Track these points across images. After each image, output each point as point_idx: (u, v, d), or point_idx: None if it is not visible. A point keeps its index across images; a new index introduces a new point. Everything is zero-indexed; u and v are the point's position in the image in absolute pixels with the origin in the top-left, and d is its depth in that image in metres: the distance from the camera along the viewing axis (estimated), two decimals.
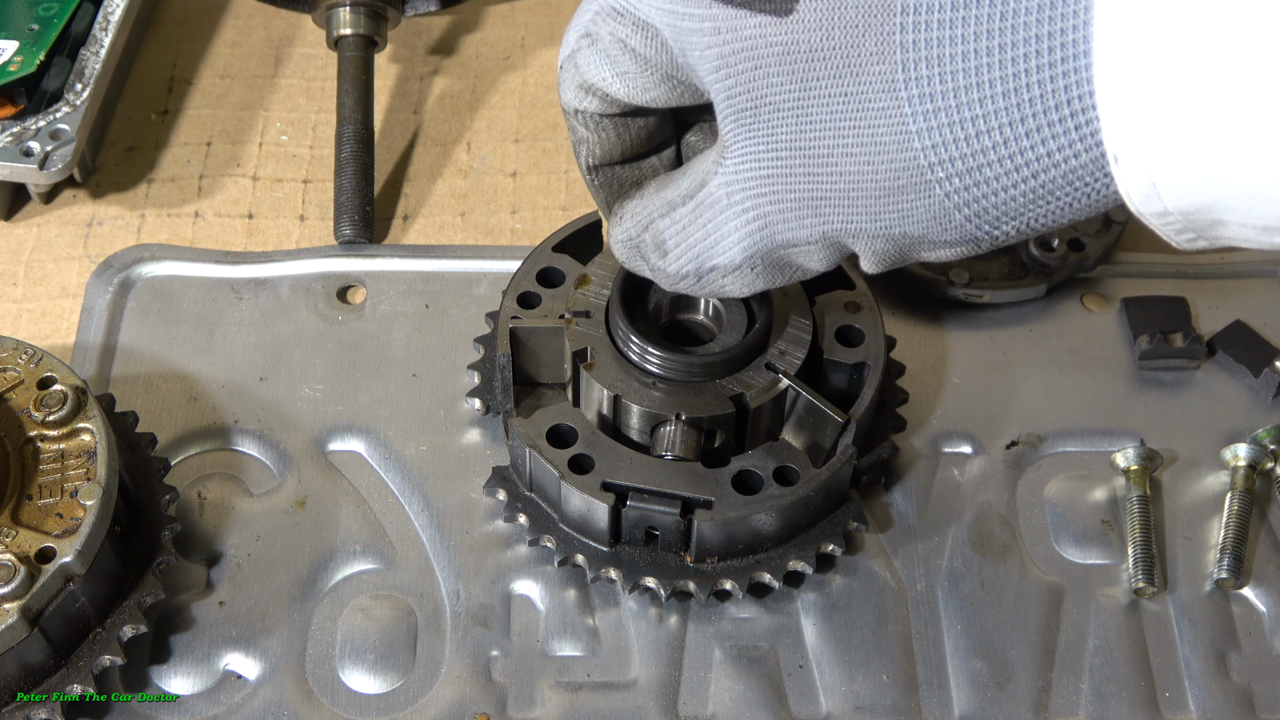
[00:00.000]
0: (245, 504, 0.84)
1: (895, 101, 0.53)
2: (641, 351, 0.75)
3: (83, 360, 0.89)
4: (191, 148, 1.03)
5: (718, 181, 0.62)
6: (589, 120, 0.68)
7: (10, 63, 0.94)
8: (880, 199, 0.56)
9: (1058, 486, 0.85)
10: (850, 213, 0.58)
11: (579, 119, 0.68)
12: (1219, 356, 0.90)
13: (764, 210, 0.61)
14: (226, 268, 0.94)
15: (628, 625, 0.79)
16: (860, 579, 0.81)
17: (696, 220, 0.64)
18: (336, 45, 1.01)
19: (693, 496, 0.74)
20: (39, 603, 0.69)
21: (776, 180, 0.59)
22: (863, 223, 0.58)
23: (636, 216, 0.69)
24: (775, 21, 0.56)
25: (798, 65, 0.56)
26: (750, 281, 0.65)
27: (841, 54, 0.54)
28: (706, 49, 0.59)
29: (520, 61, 1.09)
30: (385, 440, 0.86)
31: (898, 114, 0.54)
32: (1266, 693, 0.77)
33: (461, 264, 0.95)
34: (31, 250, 0.96)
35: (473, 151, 1.03)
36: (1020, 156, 0.52)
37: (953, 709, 0.77)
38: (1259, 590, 0.81)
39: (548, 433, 0.77)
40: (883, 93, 0.54)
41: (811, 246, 0.61)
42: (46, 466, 0.73)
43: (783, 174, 0.59)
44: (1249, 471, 0.83)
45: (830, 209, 0.58)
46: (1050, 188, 0.53)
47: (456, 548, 0.82)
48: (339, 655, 0.78)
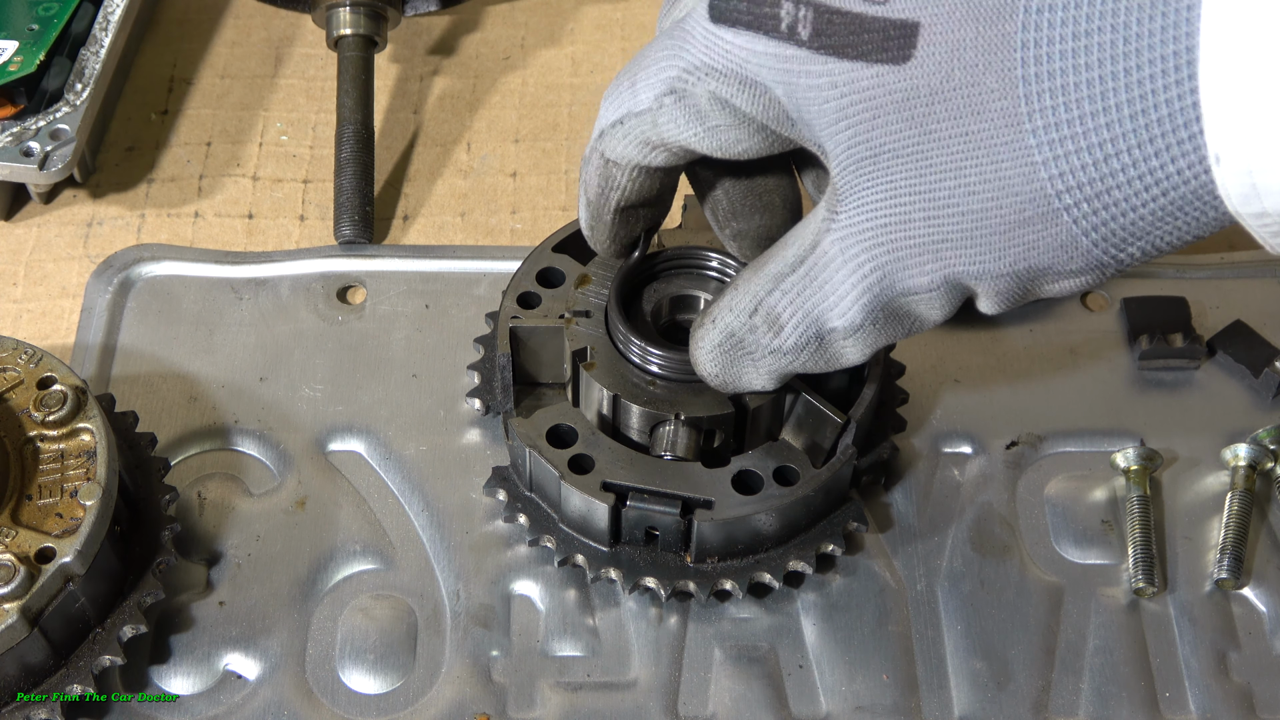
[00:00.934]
0: (245, 504, 0.84)
1: (1019, 134, 0.54)
2: (641, 351, 0.75)
3: (83, 360, 0.89)
4: (191, 148, 1.03)
5: (831, 239, 0.61)
6: (634, 171, 0.67)
7: (10, 63, 0.94)
8: (1004, 234, 0.56)
9: (1058, 486, 0.85)
10: (973, 253, 0.58)
11: (622, 170, 0.68)
12: (1219, 356, 0.90)
13: (881, 261, 0.60)
14: (226, 268, 0.94)
15: (628, 625, 0.79)
16: (860, 579, 0.81)
17: (811, 284, 0.63)
18: (336, 45, 1.01)
19: (693, 496, 0.74)
20: (39, 603, 0.69)
21: (895, 229, 0.59)
22: (986, 261, 0.58)
23: (738, 308, 0.67)
24: (893, 69, 0.56)
25: (917, 110, 0.56)
26: (872, 339, 0.64)
27: (962, 94, 0.55)
28: (825, 103, 0.58)
29: (520, 61, 1.09)
30: (385, 440, 0.86)
31: (1022, 147, 0.54)
32: (1266, 693, 0.77)
33: (461, 264, 0.95)
34: (31, 250, 0.96)
35: (473, 151, 1.03)
36: (1150, 176, 0.52)
37: (953, 709, 0.77)
38: (1259, 590, 0.81)
39: (548, 433, 0.77)
40: (1005, 127, 0.54)
41: (932, 294, 0.60)
42: (46, 466, 0.73)
43: (901, 221, 0.58)
44: (1249, 471, 0.83)
45: (951, 251, 0.58)
46: (1179, 203, 0.53)
47: (456, 548, 0.82)
48: (339, 655, 0.78)
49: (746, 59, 0.60)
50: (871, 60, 0.56)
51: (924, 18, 0.55)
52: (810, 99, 0.59)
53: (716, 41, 0.61)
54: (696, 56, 0.62)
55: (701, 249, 0.79)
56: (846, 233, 0.60)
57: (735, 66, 0.61)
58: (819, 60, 0.58)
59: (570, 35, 1.11)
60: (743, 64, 0.60)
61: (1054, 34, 0.52)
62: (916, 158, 0.57)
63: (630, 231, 0.73)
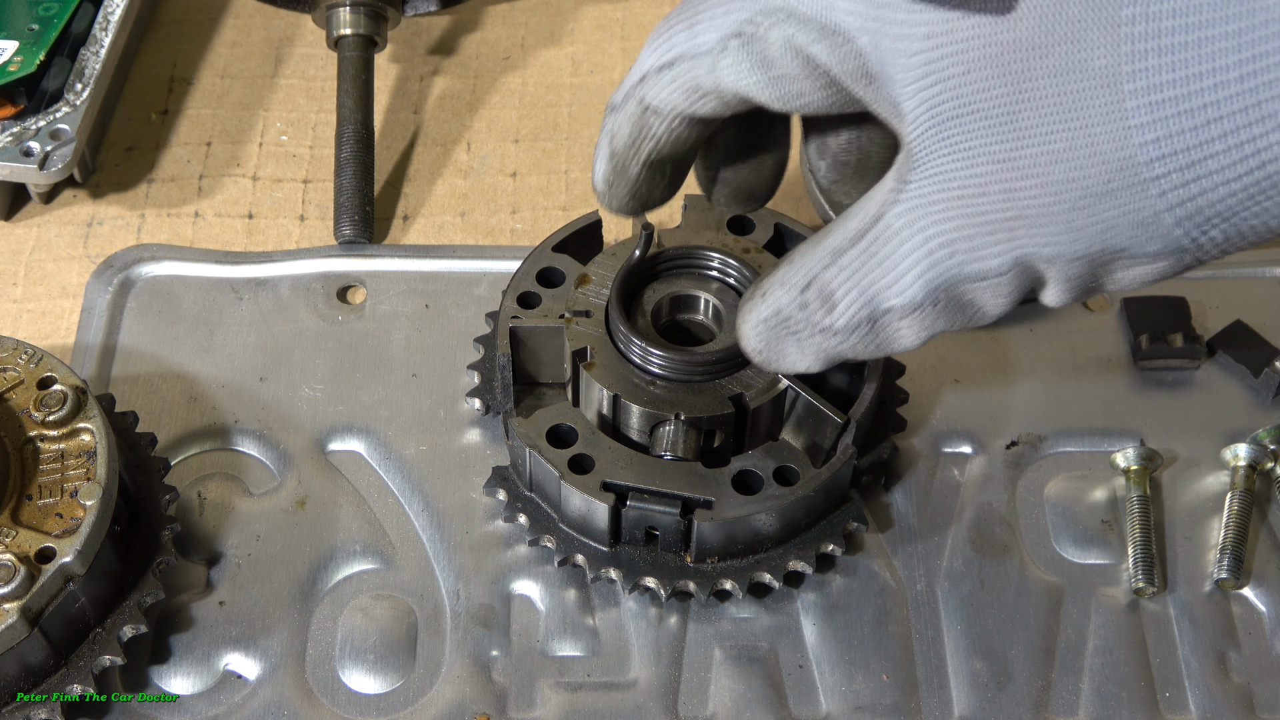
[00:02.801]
0: (245, 504, 0.84)
1: (1117, 95, 0.52)
2: (641, 351, 0.75)
3: (83, 360, 0.89)
4: (191, 148, 1.03)
5: (899, 209, 0.58)
6: (675, 120, 0.64)
7: (10, 63, 0.94)
8: (1085, 209, 0.54)
9: (1058, 486, 0.85)
10: (1049, 230, 0.55)
11: (662, 118, 0.64)
12: (1219, 356, 0.90)
13: (950, 237, 0.56)
14: (226, 268, 0.94)
15: (628, 625, 0.79)
16: (860, 579, 0.81)
17: (871, 259, 0.59)
18: (336, 45, 1.01)
19: (693, 496, 0.74)
20: (39, 603, 0.69)
21: (969, 201, 0.56)
22: (1062, 240, 0.55)
23: (790, 282, 0.63)
24: (994, 21, 0.53)
25: (1014, 66, 0.53)
26: (930, 323, 0.59)
27: (1063, 50, 0.52)
28: (914, 55, 0.55)
29: (520, 61, 1.09)
30: (385, 440, 0.86)
31: (1119, 109, 0.52)
32: (1266, 693, 0.77)
33: (461, 264, 0.95)
34: (31, 250, 0.96)
35: (473, 151, 1.03)
36: (1249, 145, 0.50)
37: (953, 709, 0.77)
38: (1259, 590, 0.81)
39: (548, 433, 0.77)
40: (1104, 87, 0.52)
41: (1000, 279, 0.57)
42: (46, 466, 0.73)
43: (977, 192, 0.55)
44: (1249, 471, 0.83)
45: (1025, 230, 0.55)
46: (1274, 180, 0.51)
47: (456, 548, 0.82)
48: (339, 655, 0.78)
49: (833, 6, 0.57)
50: (972, 9, 0.54)
51: None
52: (898, 50, 0.56)
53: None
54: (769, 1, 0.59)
55: (701, 249, 0.79)
56: (916, 203, 0.57)
57: (819, 11, 0.57)
58: (915, 9, 0.55)
59: (570, 35, 1.11)
60: (827, 9, 0.57)
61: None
62: (1004, 119, 0.54)
63: (652, 188, 0.69)
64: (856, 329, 0.61)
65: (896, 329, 0.60)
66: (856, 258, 0.59)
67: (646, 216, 0.83)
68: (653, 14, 1.12)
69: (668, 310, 0.80)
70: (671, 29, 0.62)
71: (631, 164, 0.67)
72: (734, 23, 0.60)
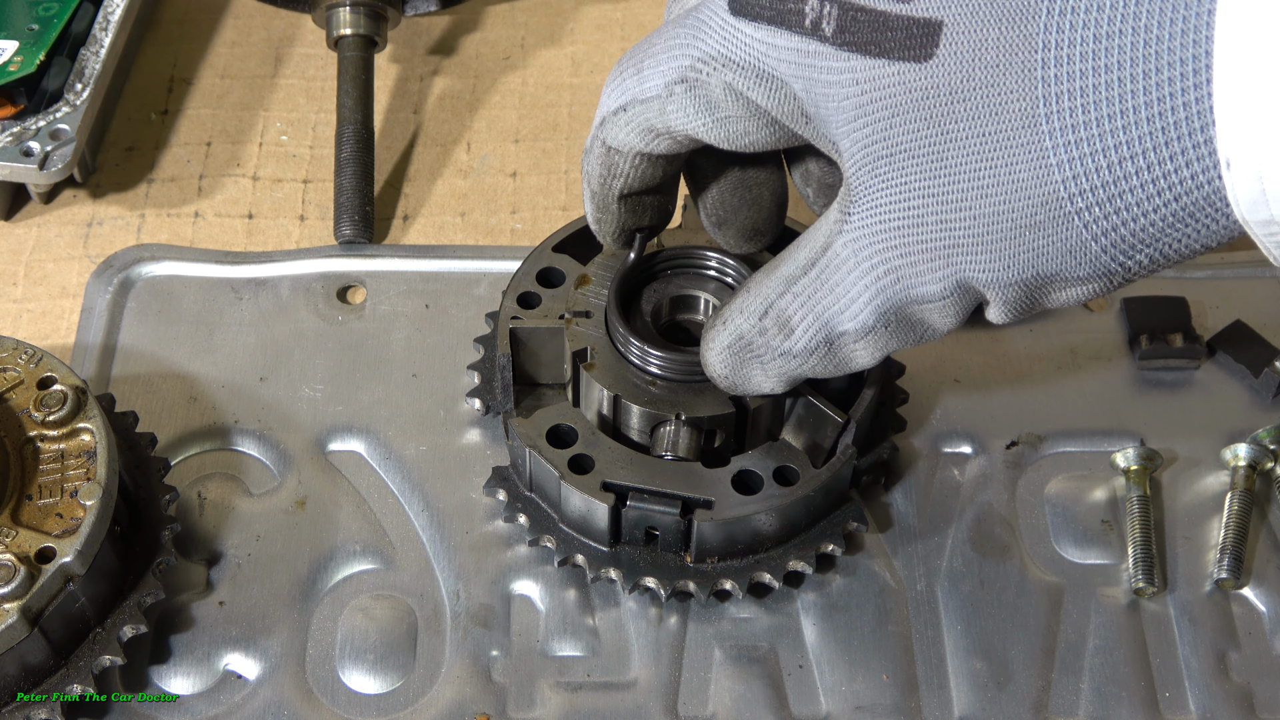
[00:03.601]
0: (245, 504, 0.84)
1: (1035, 136, 0.54)
2: (641, 352, 0.75)
3: (83, 360, 0.89)
4: (191, 148, 1.03)
5: (844, 240, 0.61)
6: (636, 158, 0.67)
7: (10, 63, 0.94)
8: (1015, 238, 0.56)
9: (1058, 486, 0.85)
10: (984, 257, 0.58)
11: (624, 157, 0.67)
12: (1219, 356, 0.90)
13: (894, 264, 0.60)
14: (226, 268, 0.94)
15: (628, 625, 0.79)
16: (860, 579, 0.81)
17: (822, 286, 0.63)
18: (336, 45, 1.01)
19: (693, 496, 0.74)
20: (39, 603, 0.69)
21: (907, 231, 0.59)
22: (996, 267, 0.58)
23: (749, 310, 0.67)
24: (915, 68, 0.56)
25: (936, 109, 0.56)
26: (883, 343, 0.64)
27: (981, 94, 0.55)
28: (843, 100, 0.58)
29: (520, 61, 1.09)
30: (385, 440, 0.86)
31: (1038, 148, 0.54)
32: (1266, 693, 0.77)
33: (461, 264, 0.95)
34: (31, 250, 0.96)
35: (473, 151, 1.03)
36: (1163, 180, 0.52)
37: (953, 709, 0.77)
38: (1259, 590, 0.81)
39: (548, 433, 0.77)
40: (1022, 128, 0.54)
41: (944, 301, 0.60)
42: (46, 466, 0.73)
43: (914, 223, 0.58)
44: (1249, 471, 0.83)
45: (962, 256, 0.58)
46: (1189, 209, 0.53)
47: (456, 548, 0.82)
48: (339, 655, 0.78)
49: (766, 53, 0.60)
50: (894, 58, 0.56)
51: (947, 17, 0.55)
52: (829, 96, 0.59)
53: (735, 33, 0.61)
54: (713, 47, 0.61)
55: (701, 249, 0.79)
56: (859, 234, 0.60)
57: (754, 60, 0.60)
58: (841, 57, 0.58)
59: (570, 35, 1.11)
60: (761, 57, 0.60)
61: (1075, 36, 0.52)
62: (932, 158, 0.57)
63: (638, 220, 0.73)
64: (815, 351, 0.65)
65: (853, 350, 0.64)
66: (809, 285, 0.64)
67: None
68: (653, 14, 1.12)
69: (667, 310, 0.80)
70: (623, 74, 0.66)
71: (609, 201, 0.71)
72: (678, 69, 0.63)
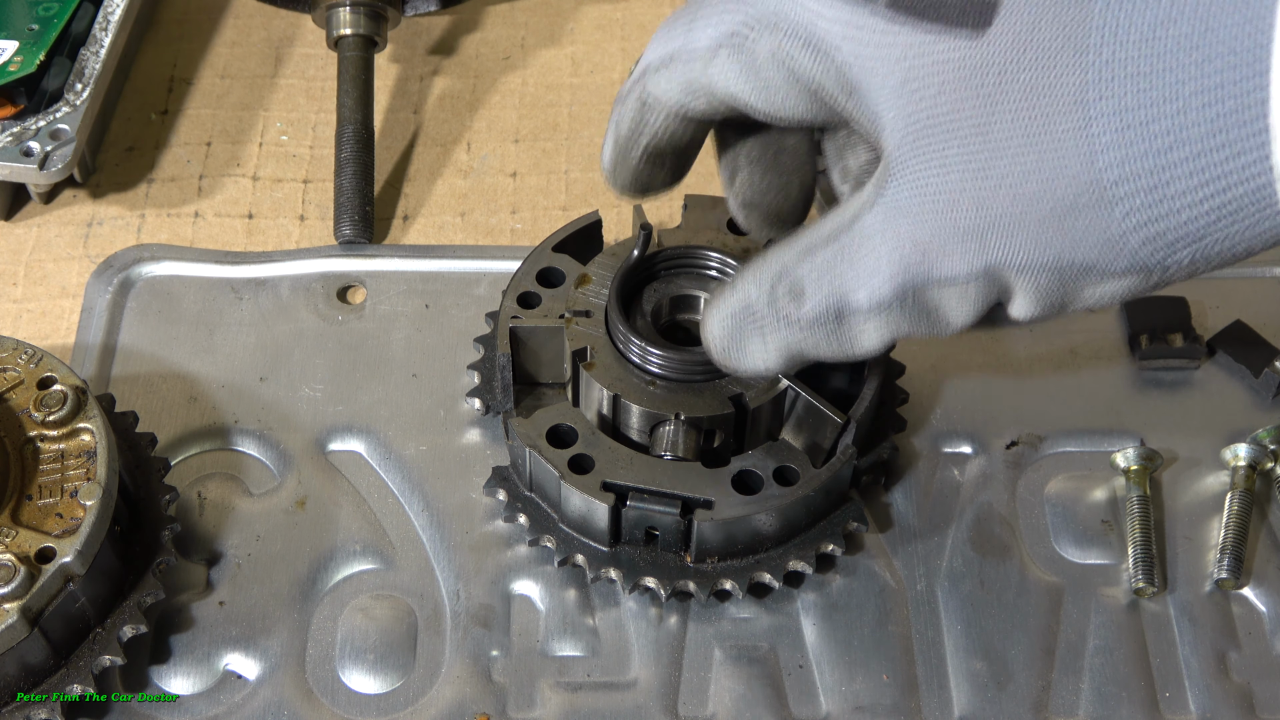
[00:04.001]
0: (245, 504, 0.84)
1: (1084, 118, 0.53)
2: (641, 351, 0.75)
3: (83, 360, 0.89)
4: (191, 148, 1.03)
5: (875, 213, 0.60)
6: (668, 115, 0.66)
7: (10, 63, 0.94)
8: (1053, 223, 0.56)
9: (1058, 486, 0.85)
10: (1018, 241, 0.57)
11: (657, 113, 0.66)
12: (1219, 356, 0.90)
13: (923, 240, 0.58)
14: (226, 268, 0.94)
15: (628, 625, 0.79)
16: (860, 579, 0.81)
17: (844, 258, 0.61)
18: (336, 45, 1.01)
19: (693, 496, 0.74)
20: (39, 603, 0.69)
21: (943, 208, 0.57)
22: (1030, 251, 0.57)
23: (761, 276, 0.64)
24: (968, 40, 0.55)
25: (986, 84, 0.55)
26: (893, 325, 0.61)
27: (1032, 71, 0.54)
28: (891, 72, 0.58)
29: (520, 61, 1.09)
30: (385, 440, 0.86)
31: (1085, 130, 0.53)
32: (1266, 693, 0.77)
33: (461, 264, 0.95)
34: (31, 250, 0.96)
35: (473, 151, 1.03)
36: (1210, 170, 0.52)
37: (953, 709, 0.77)
38: (1259, 590, 0.81)
39: (548, 433, 0.77)
40: (1071, 109, 0.54)
41: (966, 286, 0.59)
42: (46, 466, 0.73)
43: (951, 201, 0.57)
44: (1249, 471, 0.83)
45: (996, 238, 0.57)
46: (1235, 205, 0.52)
47: (456, 548, 0.82)
48: (339, 655, 0.78)
49: (818, 19, 0.59)
50: (948, 29, 0.56)
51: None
52: (877, 66, 0.58)
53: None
54: (766, 7, 0.61)
55: (701, 249, 0.79)
56: (892, 208, 0.59)
57: (805, 25, 0.60)
58: (894, 27, 0.57)
59: (570, 35, 1.11)
60: (813, 23, 0.59)
61: (1132, 19, 0.52)
62: (977, 134, 0.56)
63: (652, 176, 0.71)
64: (822, 323, 0.62)
65: (860, 328, 0.62)
66: (830, 255, 0.61)
67: (645, 216, 0.84)
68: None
69: (667, 310, 0.80)
70: (675, 25, 0.65)
71: (631, 152, 0.69)
72: (728, 26, 0.62)
